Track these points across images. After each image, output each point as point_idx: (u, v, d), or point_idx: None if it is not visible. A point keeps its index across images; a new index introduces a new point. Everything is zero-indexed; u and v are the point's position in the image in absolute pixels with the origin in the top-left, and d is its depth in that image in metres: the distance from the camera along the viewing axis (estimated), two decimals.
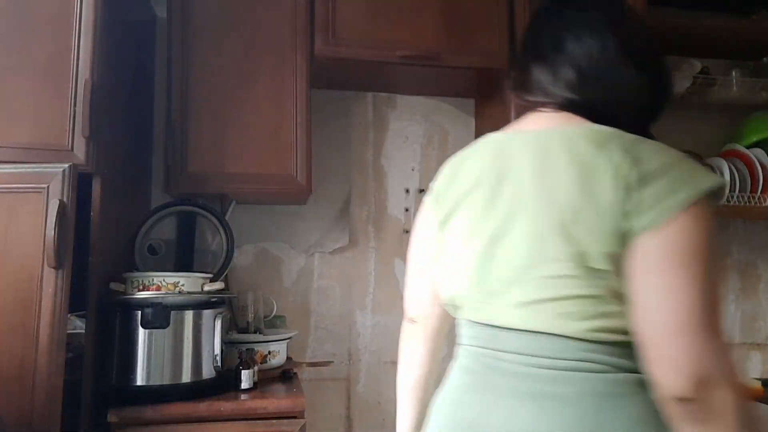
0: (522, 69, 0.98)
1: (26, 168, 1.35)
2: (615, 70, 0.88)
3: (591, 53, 0.88)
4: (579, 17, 0.93)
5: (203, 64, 1.81)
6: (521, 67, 0.98)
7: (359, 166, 2.22)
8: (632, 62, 0.88)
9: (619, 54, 0.88)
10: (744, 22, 2.22)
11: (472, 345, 0.94)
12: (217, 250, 1.94)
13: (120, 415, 1.43)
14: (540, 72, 0.93)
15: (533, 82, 0.94)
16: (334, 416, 2.11)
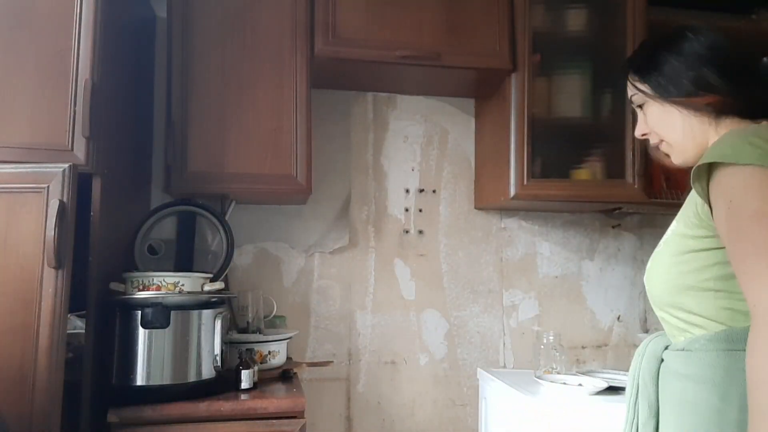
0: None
1: (26, 168, 1.35)
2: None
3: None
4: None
5: (203, 64, 1.81)
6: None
7: (359, 166, 2.22)
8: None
9: None
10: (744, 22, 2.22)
11: None
12: (217, 250, 1.94)
13: (120, 415, 1.43)
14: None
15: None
16: (334, 416, 2.11)
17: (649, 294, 1.10)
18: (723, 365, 0.94)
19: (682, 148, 1.08)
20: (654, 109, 1.10)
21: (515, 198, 1.93)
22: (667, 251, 1.04)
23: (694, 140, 1.06)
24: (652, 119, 1.11)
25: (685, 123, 1.06)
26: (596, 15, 2.06)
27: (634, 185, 1.97)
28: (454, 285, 2.25)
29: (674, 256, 1.01)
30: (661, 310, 1.07)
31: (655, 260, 1.08)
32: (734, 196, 0.88)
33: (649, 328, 2.37)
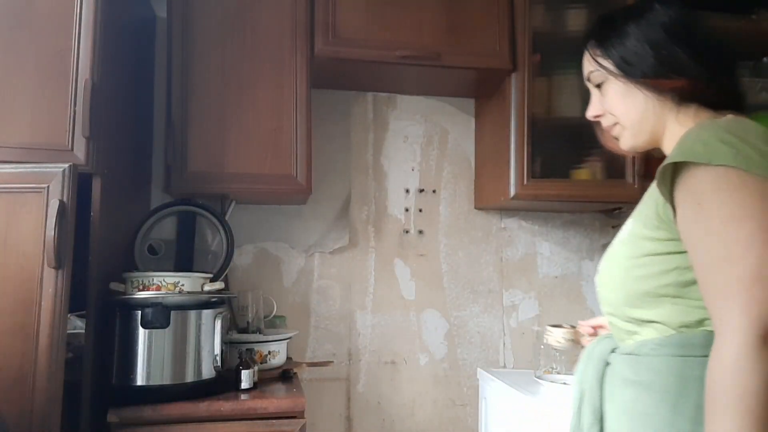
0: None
1: (26, 168, 1.35)
2: None
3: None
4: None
5: (203, 64, 1.81)
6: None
7: (359, 166, 2.22)
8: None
9: None
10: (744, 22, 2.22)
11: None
12: (217, 250, 1.94)
13: (120, 415, 1.43)
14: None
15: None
16: (334, 416, 2.11)
17: (601, 296, 1.02)
18: (675, 372, 0.87)
19: (637, 131, 1.00)
20: (615, 89, 1.00)
21: (515, 198, 1.93)
22: (623, 253, 0.96)
23: (652, 125, 0.99)
24: (612, 100, 1.01)
25: (647, 106, 0.97)
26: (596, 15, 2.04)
27: (634, 185, 1.97)
28: (454, 285, 2.25)
29: (631, 259, 0.93)
30: (611, 313, 0.99)
31: (610, 261, 1.00)
32: (704, 199, 0.80)
33: None
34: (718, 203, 0.79)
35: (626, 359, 0.95)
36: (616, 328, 1.00)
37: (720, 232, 0.78)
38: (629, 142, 1.03)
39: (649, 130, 0.99)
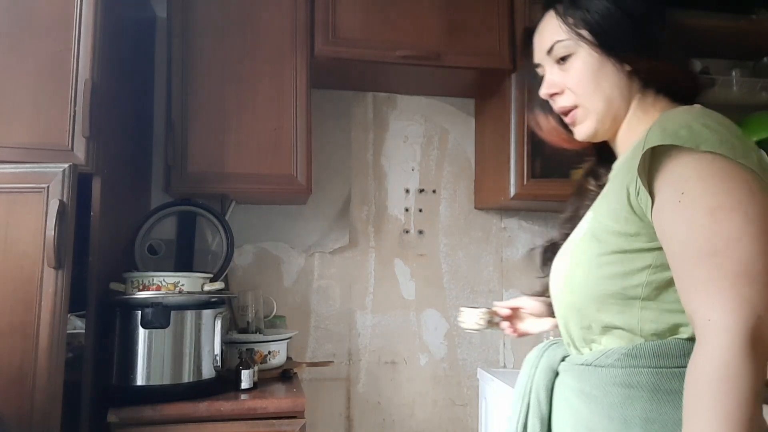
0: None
1: (26, 168, 1.35)
2: None
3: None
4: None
5: (203, 64, 1.81)
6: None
7: (359, 166, 2.22)
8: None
9: None
10: (744, 22, 2.22)
11: None
12: (217, 250, 1.94)
13: (120, 415, 1.44)
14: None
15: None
16: (334, 416, 2.11)
17: (557, 299, 0.91)
18: (647, 386, 0.77)
19: (603, 115, 0.89)
20: (586, 61, 0.88)
21: (515, 198, 1.93)
22: (586, 250, 0.84)
23: (616, 109, 0.88)
24: (580, 74, 0.88)
25: (618, 86, 0.87)
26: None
27: None
28: (454, 285, 2.25)
29: (596, 257, 0.82)
30: (567, 318, 0.89)
31: (569, 260, 0.88)
32: (689, 188, 0.72)
33: None
34: (703, 192, 0.71)
35: (583, 370, 0.85)
36: (569, 334, 0.89)
37: (706, 224, 0.70)
38: (590, 128, 0.91)
39: (613, 114, 0.89)
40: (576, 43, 0.88)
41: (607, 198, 0.85)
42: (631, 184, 0.78)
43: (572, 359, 0.89)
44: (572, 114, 0.92)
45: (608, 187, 0.88)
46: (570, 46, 0.89)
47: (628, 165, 0.81)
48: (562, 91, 0.91)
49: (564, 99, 0.92)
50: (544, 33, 0.93)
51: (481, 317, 1.27)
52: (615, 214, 0.80)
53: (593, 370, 0.83)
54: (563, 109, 0.93)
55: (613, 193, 0.84)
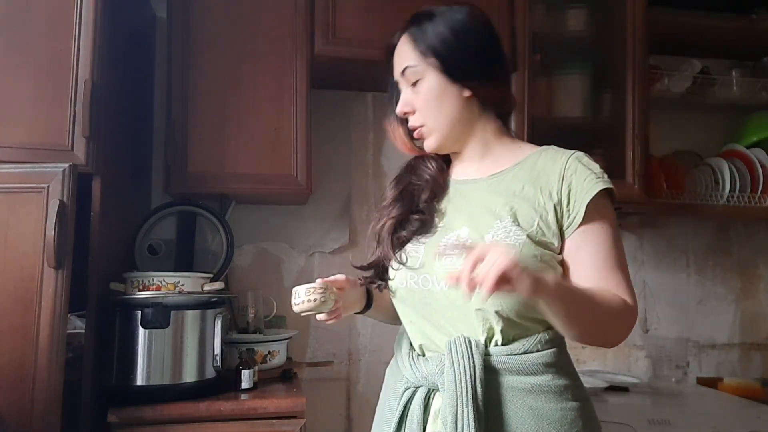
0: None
1: (26, 168, 1.35)
2: None
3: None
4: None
5: (203, 64, 1.81)
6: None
7: (359, 166, 2.22)
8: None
9: None
10: (744, 22, 2.22)
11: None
12: (217, 250, 1.94)
13: (120, 415, 1.44)
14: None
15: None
16: (334, 416, 2.11)
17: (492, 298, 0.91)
18: (561, 360, 0.98)
19: (446, 133, 1.04)
20: (432, 85, 1.02)
21: None
22: (520, 252, 0.93)
23: (460, 129, 1.05)
24: (426, 96, 1.03)
25: (459, 108, 1.03)
26: (596, 15, 2.06)
27: (634, 185, 1.97)
28: None
29: (535, 260, 0.94)
30: (496, 313, 0.94)
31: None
32: (606, 220, 0.97)
33: (649, 328, 2.37)
34: (613, 225, 0.98)
35: (522, 359, 0.95)
36: (489, 325, 0.95)
37: (614, 247, 0.96)
38: (434, 144, 1.06)
39: (456, 133, 1.05)
40: (425, 69, 1.02)
41: (527, 211, 0.97)
42: (565, 209, 0.96)
43: (501, 350, 0.95)
44: (419, 131, 1.06)
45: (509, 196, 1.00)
46: (419, 72, 1.03)
47: (543, 185, 0.98)
48: (413, 110, 1.05)
49: (414, 118, 1.06)
50: (401, 55, 1.07)
51: (314, 292, 1.11)
52: (544, 228, 0.96)
53: (530, 357, 0.95)
54: (413, 127, 1.07)
55: (534, 209, 0.97)
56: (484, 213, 0.99)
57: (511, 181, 1.01)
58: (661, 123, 2.25)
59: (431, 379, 0.97)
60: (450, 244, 0.99)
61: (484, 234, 0.96)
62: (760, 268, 2.48)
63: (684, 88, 2.22)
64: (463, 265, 0.81)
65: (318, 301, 1.11)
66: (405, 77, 1.06)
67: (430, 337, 1.02)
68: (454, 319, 0.98)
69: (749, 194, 2.15)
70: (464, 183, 1.07)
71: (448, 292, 0.97)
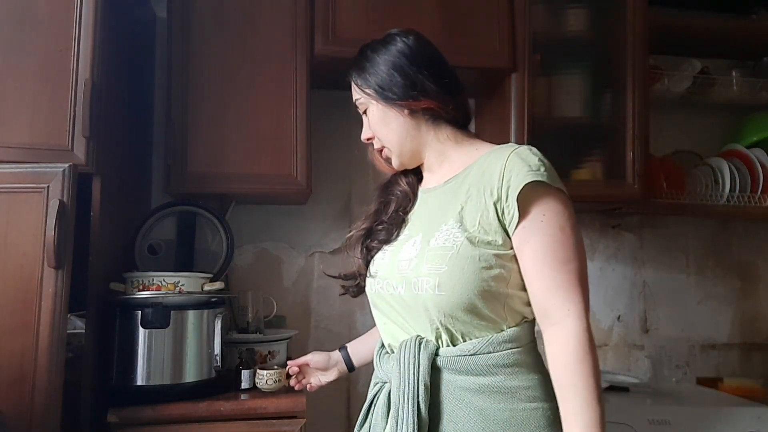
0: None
1: (26, 168, 1.35)
2: None
3: None
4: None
5: (203, 64, 1.81)
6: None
7: (359, 166, 2.21)
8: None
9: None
10: (744, 22, 2.22)
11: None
12: (217, 250, 1.94)
13: (120, 415, 1.44)
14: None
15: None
16: (334, 416, 2.11)
17: (433, 300, 0.98)
18: (517, 361, 0.97)
19: (399, 151, 1.13)
20: (375, 113, 1.14)
21: None
22: (466, 255, 0.96)
23: (411, 145, 1.12)
24: (374, 122, 1.14)
25: (404, 127, 1.11)
26: (596, 15, 2.06)
27: (634, 185, 1.97)
28: None
29: (476, 261, 0.96)
30: (440, 314, 0.98)
31: (442, 262, 0.97)
32: (546, 213, 0.96)
33: (649, 328, 2.37)
34: (556, 217, 0.96)
35: (470, 361, 0.97)
36: (438, 329, 0.99)
37: (559, 240, 0.95)
38: (396, 162, 1.16)
39: (409, 149, 1.13)
40: (367, 100, 1.15)
41: (471, 211, 1.00)
42: (504, 205, 0.97)
43: (450, 351, 0.98)
44: (383, 152, 1.18)
45: (453, 200, 1.04)
46: (364, 103, 1.17)
47: (485, 184, 1.00)
48: (372, 136, 1.17)
49: (375, 142, 1.18)
50: (352, 90, 1.21)
51: (272, 377, 1.57)
52: (486, 227, 0.98)
53: (479, 358, 0.97)
54: (378, 150, 1.19)
55: (476, 208, 1.00)
56: (434, 218, 1.05)
57: (461, 185, 1.06)
58: (661, 123, 2.25)
59: (390, 376, 1.04)
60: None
61: (430, 239, 1.02)
62: (760, 268, 2.48)
63: (684, 88, 2.22)
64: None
65: (276, 385, 1.59)
66: (358, 109, 1.20)
67: (396, 336, 1.07)
68: (411, 320, 1.03)
69: (749, 194, 2.15)
70: (426, 191, 1.15)
71: (403, 295, 1.03)
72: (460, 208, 1.02)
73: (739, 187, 2.15)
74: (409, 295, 1.02)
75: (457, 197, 1.04)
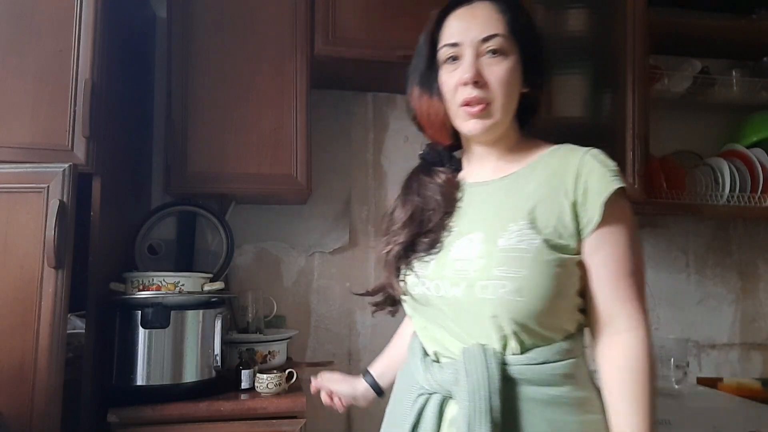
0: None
1: (26, 168, 1.35)
2: None
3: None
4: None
5: (203, 64, 1.81)
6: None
7: (359, 166, 2.22)
8: None
9: None
10: (744, 22, 2.22)
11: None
12: (217, 250, 1.94)
13: (120, 415, 1.44)
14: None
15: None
16: (334, 416, 2.11)
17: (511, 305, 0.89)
18: (578, 372, 0.93)
19: (500, 119, 0.97)
20: (509, 66, 0.96)
21: None
22: (540, 258, 0.89)
23: (507, 122, 0.99)
24: (501, 73, 0.95)
25: (515, 99, 0.98)
26: (596, 15, 2.06)
27: (634, 185, 1.96)
28: None
29: (552, 266, 0.89)
30: (512, 320, 0.89)
31: (522, 266, 0.89)
32: (625, 221, 0.94)
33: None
34: (632, 226, 0.95)
35: (538, 369, 0.90)
36: (503, 335, 0.91)
37: (632, 249, 0.94)
38: (487, 125, 0.97)
39: (505, 123, 0.99)
40: (511, 47, 0.96)
41: (545, 212, 0.93)
42: (582, 208, 0.92)
43: (518, 359, 0.90)
44: (483, 107, 0.96)
45: (526, 198, 0.95)
46: (506, 47, 0.96)
47: (558, 185, 0.93)
48: (486, 83, 0.95)
49: (483, 91, 0.95)
50: (484, 20, 0.97)
51: (272, 381, 1.58)
52: (561, 230, 0.92)
53: (548, 367, 0.90)
54: (476, 99, 0.95)
55: (551, 210, 0.93)
56: (498, 216, 0.95)
57: (524, 183, 0.97)
58: (661, 123, 2.24)
59: (446, 386, 0.93)
60: None
61: (498, 239, 0.92)
62: (760, 268, 2.48)
63: (684, 88, 2.22)
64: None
65: (276, 388, 1.59)
66: (487, 44, 0.95)
67: (444, 343, 0.97)
68: (467, 326, 0.93)
69: (749, 194, 2.15)
70: (476, 186, 1.02)
71: (460, 297, 0.92)
72: (530, 207, 0.93)
73: (739, 187, 2.15)
74: (470, 298, 0.91)
75: (523, 195, 0.95)
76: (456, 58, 0.98)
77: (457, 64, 0.97)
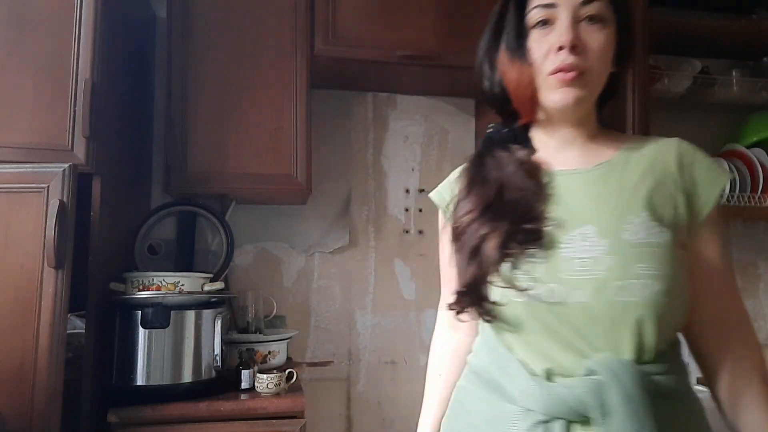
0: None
1: (26, 168, 1.35)
2: None
3: None
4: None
5: (203, 64, 1.81)
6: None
7: (359, 166, 2.22)
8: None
9: None
10: (744, 22, 2.22)
11: None
12: (217, 250, 1.94)
13: (120, 415, 1.44)
14: None
15: None
16: (334, 416, 2.11)
17: (655, 308, 0.79)
18: (685, 377, 0.87)
19: (591, 93, 0.88)
20: (609, 41, 0.86)
21: None
22: (672, 253, 0.81)
23: (595, 97, 0.90)
24: (604, 46, 0.86)
25: (607, 70, 0.89)
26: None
27: None
28: None
29: (682, 262, 0.82)
30: (656, 324, 0.79)
31: (663, 262, 0.80)
32: (720, 215, 0.88)
33: None
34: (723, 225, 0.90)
35: (670, 380, 0.81)
36: (638, 342, 0.80)
37: (726, 243, 0.90)
38: (580, 95, 0.86)
39: (594, 99, 0.90)
40: (611, 16, 0.86)
41: (661, 203, 0.84)
42: (694, 199, 0.86)
43: (651, 368, 0.80)
44: (577, 75, 0.84)
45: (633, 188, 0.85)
46: (606, 15, 0.86)
47: (663, 175, 0.86)
48: (584, 49, 0.84)
49: (580, 58, 0.84)
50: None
51: (272, 381, 1.58)
52: (679, 223, 0.85)
53: (677, 378, 0.83)
54: (572, 66, 0.84)
55: (666, 201, 0.85)
56: (609, 207, 0.84)
57: (623, 173, 0.87)
58: (661, 123, 2.24)
59: (578, 410, 0.78)
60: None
61: (620, 232, 0.80)
62: (760, 268, 2.48)
63: (684, 88, 2.22)
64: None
65: (276, 389, 1.58)
66: (586, 8, 0.85)
67: (557, 359, 0.82)
68: (594, 336, 0.79)
69: (749, 194, 2.15)
70: (566, 174, 0.89)
71: (589, 302, 0.79)
72: (645, 198, 0.83)
73: (739, 187, 2.15)
74: (602, 303, 0.78)
75: (628, 186, 0.85)
76: (546, 22, 0.86)
77: (549, 29, 0.86)
